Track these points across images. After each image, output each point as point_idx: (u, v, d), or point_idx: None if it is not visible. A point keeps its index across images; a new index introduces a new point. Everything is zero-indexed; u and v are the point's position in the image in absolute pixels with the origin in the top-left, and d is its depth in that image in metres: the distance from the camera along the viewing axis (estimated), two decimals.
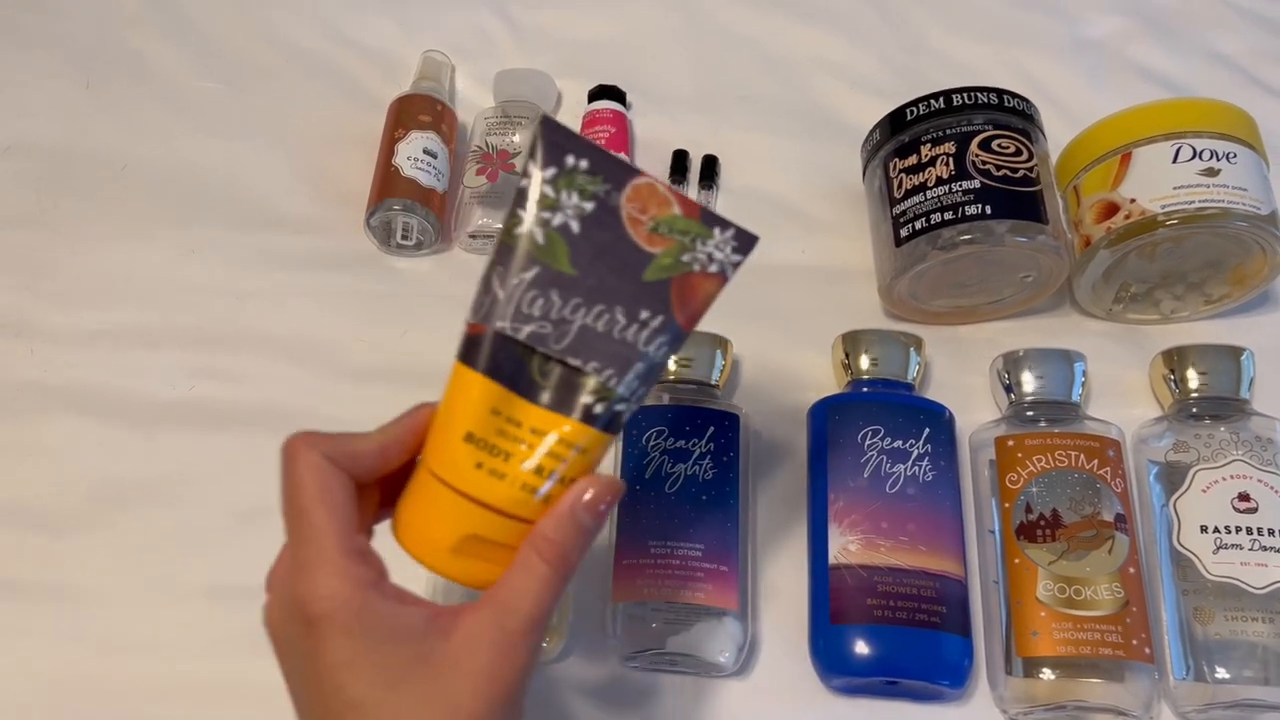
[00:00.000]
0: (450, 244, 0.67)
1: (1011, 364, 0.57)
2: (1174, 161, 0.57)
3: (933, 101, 0.60)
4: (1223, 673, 0.49)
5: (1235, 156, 0.57)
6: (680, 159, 0.70)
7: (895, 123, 0.61)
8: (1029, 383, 0.56)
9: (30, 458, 0.58)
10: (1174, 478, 0.54)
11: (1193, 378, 0.56)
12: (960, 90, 0.59)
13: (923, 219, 0.58)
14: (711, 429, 0.54)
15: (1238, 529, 0.51)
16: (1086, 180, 0.60)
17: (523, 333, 0.36)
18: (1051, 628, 0.49)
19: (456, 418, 0.36)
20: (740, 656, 0.51)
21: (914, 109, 0.60)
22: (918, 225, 0.58)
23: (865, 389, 0.57)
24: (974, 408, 0.59)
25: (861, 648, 0.49)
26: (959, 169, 0.58)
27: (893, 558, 0.51)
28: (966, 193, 0.57)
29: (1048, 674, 0.49)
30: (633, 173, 0.37)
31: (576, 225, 0.36)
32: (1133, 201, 0.57)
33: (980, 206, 0.56)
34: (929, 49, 0.76)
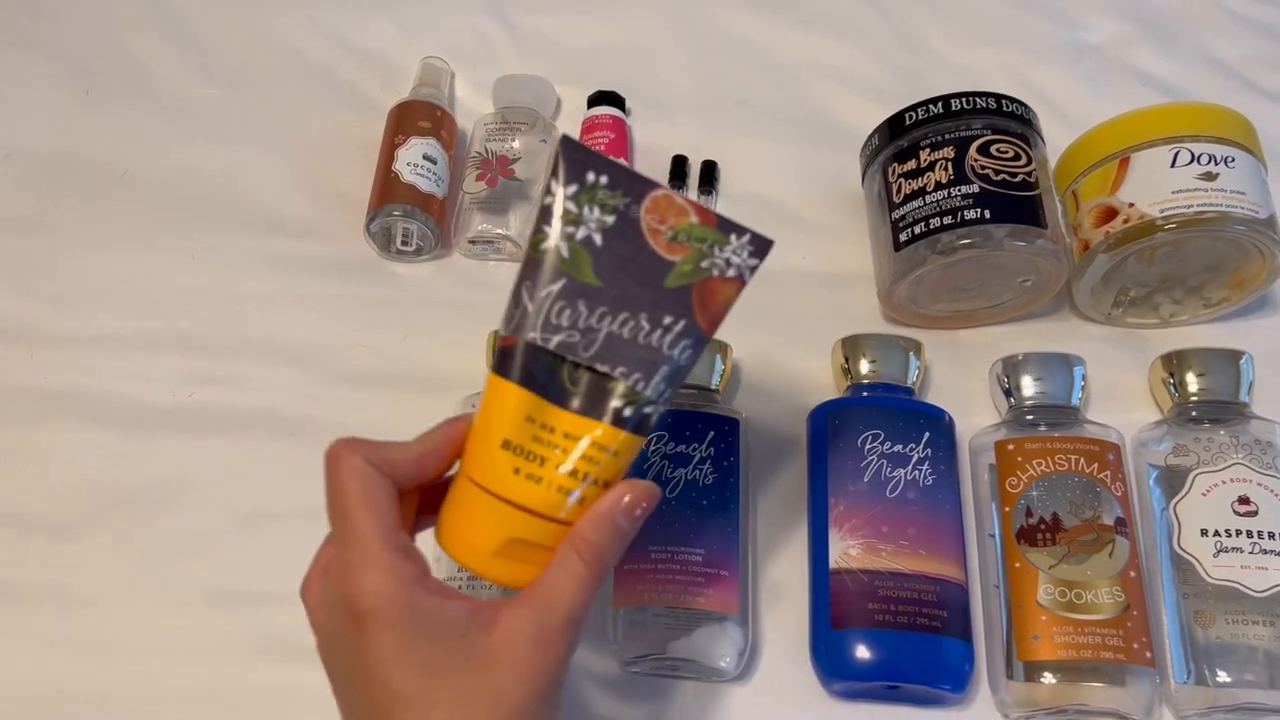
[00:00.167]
0: (450, 249, 0.67)
1: (1011, 368, 0.57)
2: (1172, 166, 0.57)
3: (931, 106, 0.60)
4: (1224, 676, 0.49)
5: (1233, 160, 0.57)
6: (679, 164, 0.70)
7: (894, 128, 0.61)
8: (1029, 387, 0.56)
9: (30, 463, 0.58)
10: (1174, 481, 0.54)
11: (1192, 381, 0.56)
12: (959, 95, 0.59)
13: (922, 223, 0.58)
14: (712, 434, 0.54)
15: (1238, 532, 0.51)
16: (1085, 184, 0.60)
17: (553, 342, 0.38)
18: (1052, 631, 0.49)
19: (493, 426, 0.38)
20: (741, 661, 0.51)
21: (913, 114, 0.60)
22: (917, 230, 0.58)
23: (865, 393, 0.57)
24: (974, 412, 0.59)
25: (862, 652, 0.49)
26: (958, 174, 0.58)
27: (893, 562, 0.51)
28: (965, 197, 0.57)
29: (1049, 678, 0.49)
30: (651, 185, 0.38)
31: (599, 238, 0.38)
32: (1131, 205, 0.57)
33: (979, 211, 0.57)
34: (928, 54, 0.77)
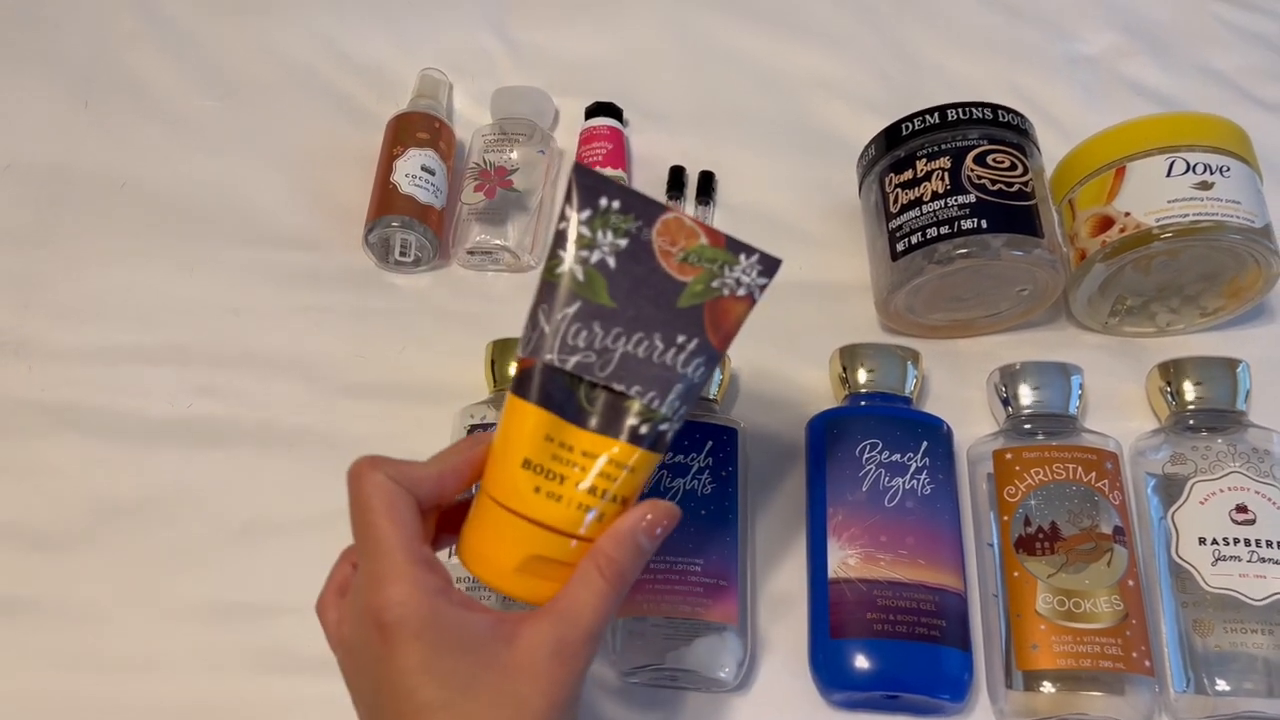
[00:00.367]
0: (448, 260, 0.67)
1: (1008, 377, 0.57)
2: (1168, 175, 0.57)
3: (928, 117, 0.60)
4: (1223, 685, 0.49)
5: (1229, 170, 0.57)
6: (677, 175, 0.70)
7: (891, 138, 0.61)
8: (1026, 396, 0.57)
9: (28, 476, 0.58)
10: (1172, 490, 0.54)
11: (1189, 390, 0.56)
12: (955, 105, 0.60)
13: (919, 233, 0.58)
14: (710, 443, 0.54)
15: (1236, 540, 0.51)
16: (1081, 194, 0.60)
17: (569, 363, 0.38)
18: (1051, 641, 0.49)
19: (513, 446, 0.39)
20: (740, 671, 0.51)
21: (909, 124, 0.61)
22: (914, 240, 0.58)
23: (863, 402, 0.57)
24: (971, 421, 0.59)
25: (861, 662, 0.49)
26: (954, 184, 0.58)
27: (892, 571, 0.51)
28: (962, 207, 0.57)
29: (1048, 687, 0.49)
30: (661, 209, 0.39)
31: (613, 261, 0.39)
32: (1127, 215, 0.58)
33: (976, 221, 0.57)
34: (924, 66, 0.77)
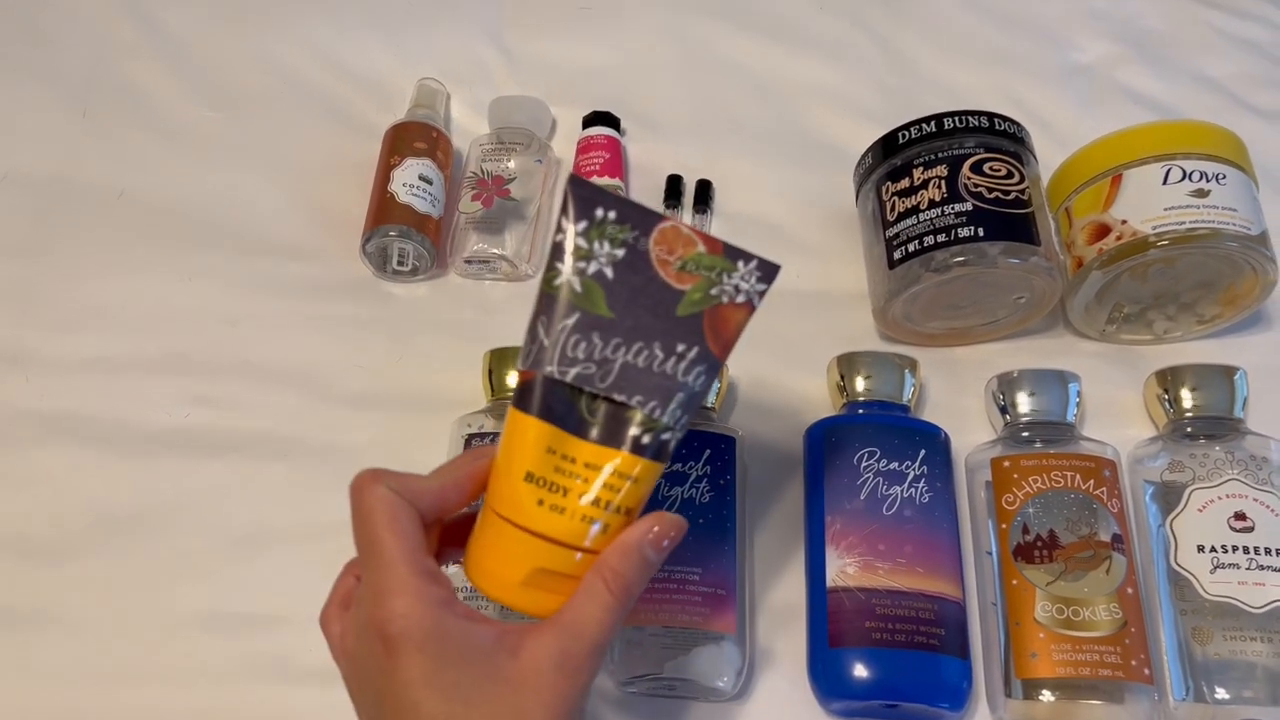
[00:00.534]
0: (446, 269, 0.67)
1: (1006, 385, 0.57)
2: (1164, 183, 0.58)
3: (924, 125, 0.60)
4: (1222, 693, 0.49)
5: (1225, 178, 0.58)
6: (674, 184, 0.70)
7: (887, 146, 0.61)
8: (1024, 403, 0.57)
9: (27, 486, 0.58)
10: (1170, 497, 0.54)
11: (1186, 397, 0.57)
12: (952, 114, 0.60)
13: (916, 241, 0.58)
14: (708, 452, 0.54)
15: (1234, 548, 0.51)
16: (1078, 202, 0.60)
17: (570, 375, 0.38)
18: (1050, 649, 0.49)
19: (515, 460, 0.39)
20: (739, 680, 0.51)
21: (906, 133, 0.61)
22: (911, 248, 0.58)
23: (861, 411, 0.57)
24: (969, 429, 0.59)
25: (860, 671, 0.49)
26: (951, 192, 0.58)
27: (890, 580, 0.51)
28: (959, 215, 0.57)
29: (1047, 695, 0.49)
30: (657, 218, 0.39)
31: (610, 271, 0.38)
32: (1124, 223, 0.58)
33: (973, 229, 0.57)
34: (920, 75, 0.77)
